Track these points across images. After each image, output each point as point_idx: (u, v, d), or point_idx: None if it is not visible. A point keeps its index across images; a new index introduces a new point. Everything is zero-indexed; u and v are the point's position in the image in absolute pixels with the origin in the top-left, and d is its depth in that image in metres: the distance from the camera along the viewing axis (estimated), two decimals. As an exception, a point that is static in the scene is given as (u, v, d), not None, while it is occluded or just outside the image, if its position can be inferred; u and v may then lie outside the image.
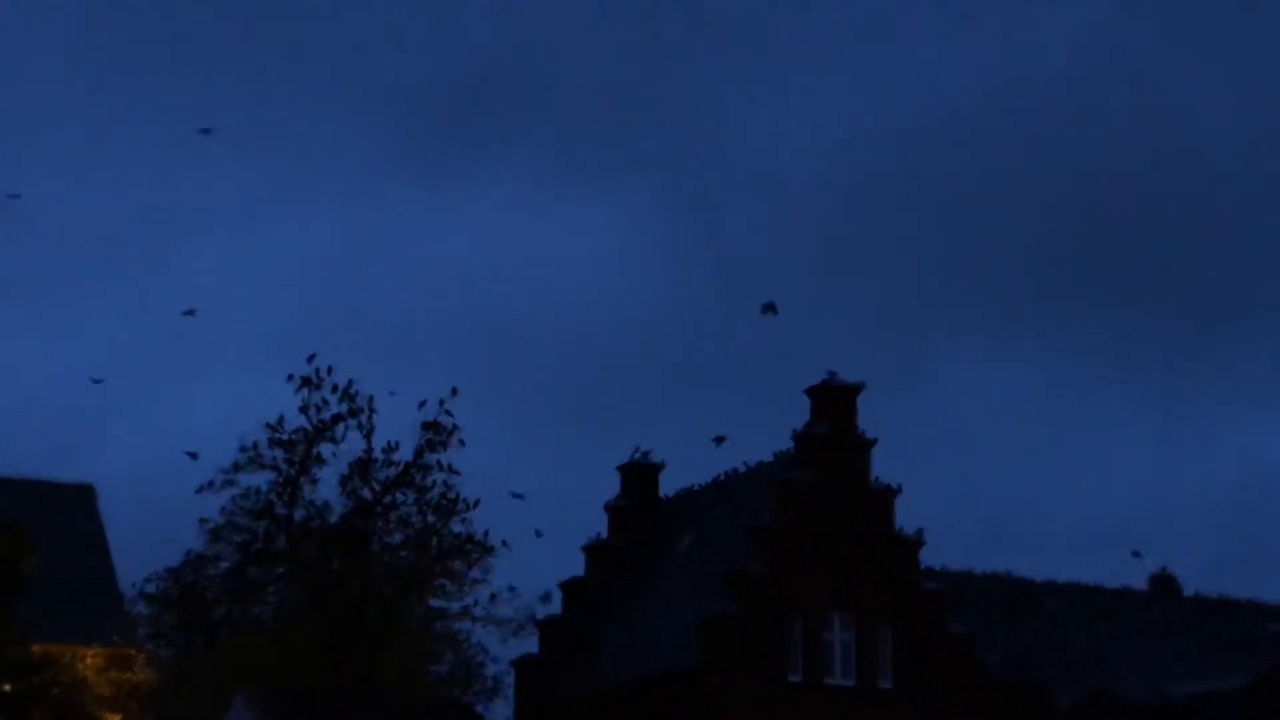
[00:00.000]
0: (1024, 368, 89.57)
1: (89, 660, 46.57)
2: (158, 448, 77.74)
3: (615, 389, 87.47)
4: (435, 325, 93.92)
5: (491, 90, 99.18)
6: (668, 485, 45.35)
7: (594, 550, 44.26)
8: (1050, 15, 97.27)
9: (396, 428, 42.63)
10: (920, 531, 39.45)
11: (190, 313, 42.36)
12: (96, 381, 46.61)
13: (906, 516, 39.72)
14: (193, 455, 41.87)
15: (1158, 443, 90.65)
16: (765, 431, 41.20)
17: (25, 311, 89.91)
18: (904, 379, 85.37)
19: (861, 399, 39.60)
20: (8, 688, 35.62)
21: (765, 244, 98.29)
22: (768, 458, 41.55)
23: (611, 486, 45.29)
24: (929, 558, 40.56)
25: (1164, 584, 47.24)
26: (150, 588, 44.90)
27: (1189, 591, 47.53)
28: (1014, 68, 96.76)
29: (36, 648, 38.86)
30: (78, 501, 56.07)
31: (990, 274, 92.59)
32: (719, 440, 40.38)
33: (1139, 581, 47.19)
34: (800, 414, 39.81)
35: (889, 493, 39.35)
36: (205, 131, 41.81)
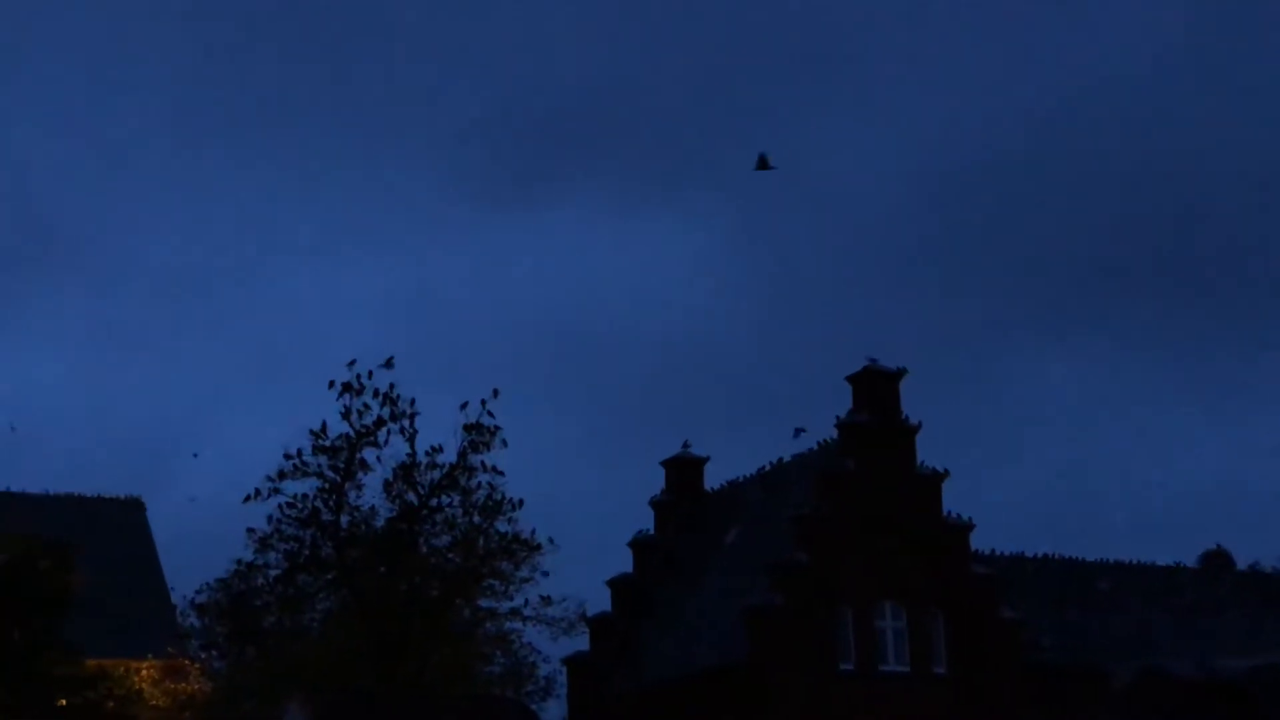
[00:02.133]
0: (1087, 363, 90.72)
1: (144, 673, 47.01)
2: (229, 470, 78.90)
3: (676, 392, 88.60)
4: (510, 341, 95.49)
5: (566, 116, 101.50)
6: (712, 479, 45.38)
7: (640, 546, 44.25)
8: (1108, 26, 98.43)
9: (439, 431, 42.72)
10: (965, 516, 39.24)
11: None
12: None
13: (964, 505, 39.63)
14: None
15: (1217, 432, 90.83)
16: (815, 423, 41.17)
17: (116, 346, 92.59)
18: (967, 378, 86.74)
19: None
20: (62, 703, 35.92)
21: (827, 254, 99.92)
22: (813, 447, 41.47)
23: (656, 482, 45.38)
24: (981, 542, 40.44)
25: (1216, 560, 46.83)
26: (201, 598, 45.11)
27: (1242, 567, 47.11)
28: (1068, 80, 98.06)
29: (91, 662, 39.20)
30: (128, 516, 56.65)
31: (1052, 274, 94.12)
32: (798, 431, 40.54)
33: (1191, 559, 46.88)
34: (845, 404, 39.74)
35: (935, 478, 39.16)
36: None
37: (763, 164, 34.09)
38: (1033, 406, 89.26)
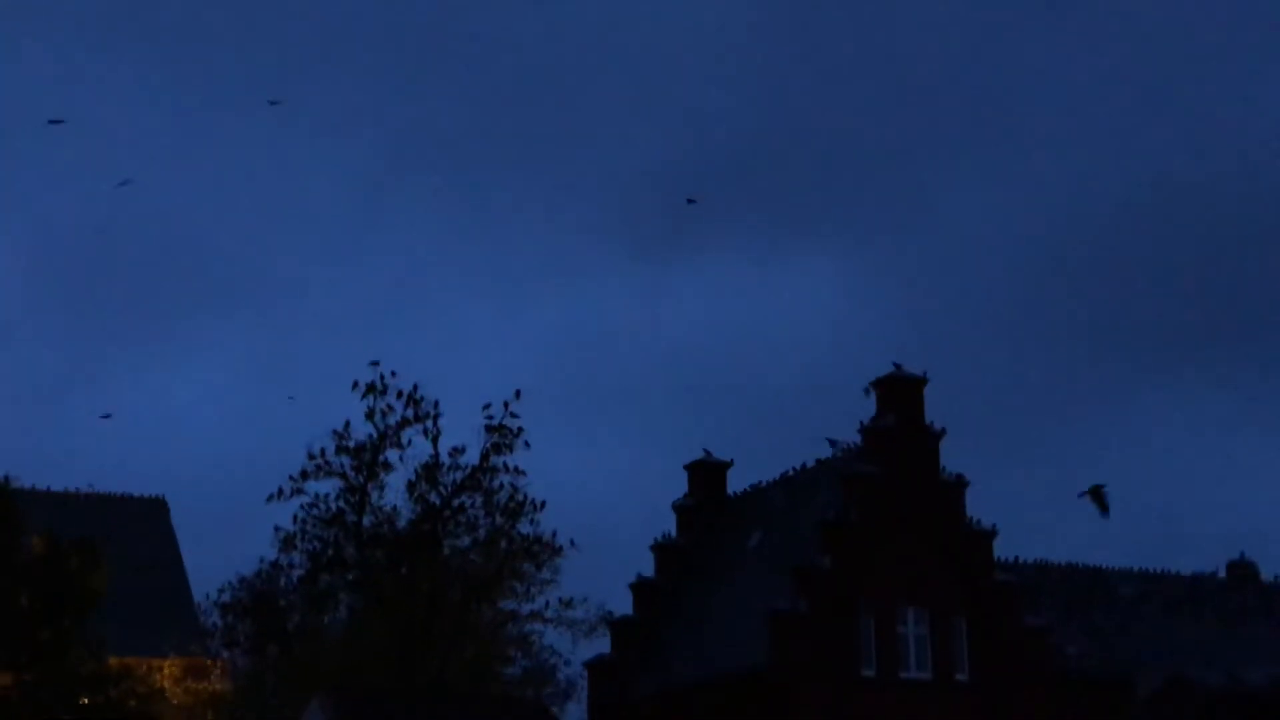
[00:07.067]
0: (1176, 401, 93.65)
1: (166, 670, 47.03)
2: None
3: (769, 416, 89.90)
4: (654, 379, 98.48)
5: (715, 165, 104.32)
6: (735, 483, 45.23)
7: (663, 549, 44.15)
8: (1219, 96, 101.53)
9: (462, 432, 42.77)
10: (990, 524, 39.11)
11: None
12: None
13: (992, 512, 39.63)
14: None
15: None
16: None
17: (283, 388, 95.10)
18: (1058, 410, 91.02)
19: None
20: (85, 701, 35.94)
21: (953, 302, 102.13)
22: (837, 453, 41.33)
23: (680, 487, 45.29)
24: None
25: (1242, 570, 46.58)
26: (224, 597, 45.22)
27: (1268, 578, 46.84)
28: (1194, 144, 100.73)
29: (113, 660, 39.19)
30: (150, 515, 56.73)
31: (1150, 323, 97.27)
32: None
33: (1218, 568, 46.62)
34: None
35: (959, 484, 39.02)
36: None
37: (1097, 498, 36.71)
38: (1123, 437, 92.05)
